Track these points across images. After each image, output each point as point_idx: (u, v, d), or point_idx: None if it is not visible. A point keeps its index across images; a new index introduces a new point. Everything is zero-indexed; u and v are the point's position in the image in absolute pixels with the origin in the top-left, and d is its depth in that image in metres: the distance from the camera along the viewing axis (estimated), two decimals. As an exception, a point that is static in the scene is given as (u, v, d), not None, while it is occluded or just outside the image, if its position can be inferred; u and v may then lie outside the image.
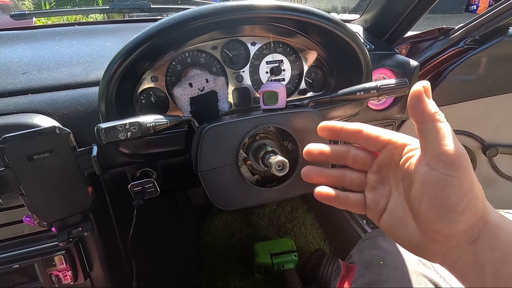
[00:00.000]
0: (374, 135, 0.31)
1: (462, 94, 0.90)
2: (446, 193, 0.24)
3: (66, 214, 0.51)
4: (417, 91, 0.26)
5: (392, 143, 0.30)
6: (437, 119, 0.25)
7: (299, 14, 0.54)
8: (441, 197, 0.24)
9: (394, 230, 0.30)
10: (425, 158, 0.26)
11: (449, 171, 0.24)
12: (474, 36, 0.84)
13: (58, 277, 0.57)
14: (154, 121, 0.47)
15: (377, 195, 0.32)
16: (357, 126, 0.32)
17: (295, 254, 1.06)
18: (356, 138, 0.32)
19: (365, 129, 0.31)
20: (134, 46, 0.49)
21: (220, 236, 1.29)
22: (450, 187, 0.24)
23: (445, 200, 0.24)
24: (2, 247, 0.56)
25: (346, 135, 0.32)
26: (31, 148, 0.46)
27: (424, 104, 0.26)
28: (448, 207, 0.24)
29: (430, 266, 0.57)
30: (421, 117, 0.26)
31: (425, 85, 0.26)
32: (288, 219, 1.34)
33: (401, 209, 0.29)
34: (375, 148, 0.31)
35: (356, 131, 0.32)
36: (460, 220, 0.24)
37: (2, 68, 0.60)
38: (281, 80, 0.71)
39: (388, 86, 0.53)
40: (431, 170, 0.25)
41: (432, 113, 0.26)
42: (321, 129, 0.33)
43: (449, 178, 0.24)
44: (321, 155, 0.33)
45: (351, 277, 0.61)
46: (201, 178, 0.51)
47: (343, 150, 0.33)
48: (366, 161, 0.33)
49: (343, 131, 0.32)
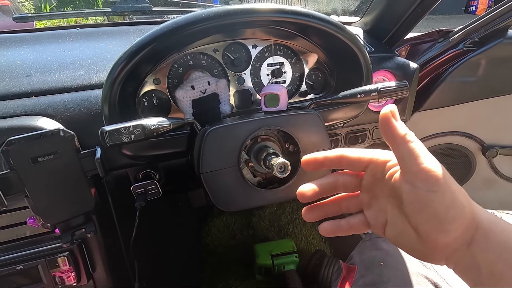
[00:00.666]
0: (355, 158, 0.32)
1: (461, 95, 0.91)
2: (432, 207, 0.26)
3: (69, 215, 0.51)
4: (384, 115, 0.28)
5: (373, 162, 0.31)
6: (407, 141, 0.27)
7: (299, 17, 0.55)
8: (429, 212, 0.26)
9: (398, 240, 0.31)
10: (405, 176, 0.27)
11: (429, 186, 0.26)
12: (474, 38, 0.85)
13: (62, 278, 0.57)
14: (157, 124, 0.48)
15: (375, 211, 0.33)
16: (338, 152, 0.33)
17: (296, 255, 1.06)
18: (339, 163, 0.33)
19: (345, 153, 0.33)
20: (137, 49, 0.50)
21: (220, 237, 1.29)
22: (433, 201, 0.26)
23: (433, 214, 0.26)
24: (6, 248, 0.57)
25: (329, 163, 0.33)
26: (36, 150, 0.46)
27: (393, 127, 0.28)
28: (437, 219, 0.26)
29: (430, 267, 0.58)
30: (392, 140, 0.28)
31: (392, 109, 0.28)
32: (289, 220, 1.35)
33: (400, 221, 0.30)
34: (358, 169, 0.33)
35: (338, 157, 0.33)
36: (451, 229, 0.26)
37: (6, 71, 0.61)
38: (282, 82, 0.72)
39: (389, 88, 0.53)
40: (413, 187, 0.27)
41: (402, 136, 0.27)
42: (305, 162, 0.34)
43: (430, 193, 0.26)
44: (314, 194, 0.34)
45: (352, 278, 0.61)
46: (203, 179, 0.51)
47: (331, 181, 0.34)
48: (355, 184, 0.34)
49: (326, 160, 0.33)
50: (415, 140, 0.27)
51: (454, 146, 1.00)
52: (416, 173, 0.26)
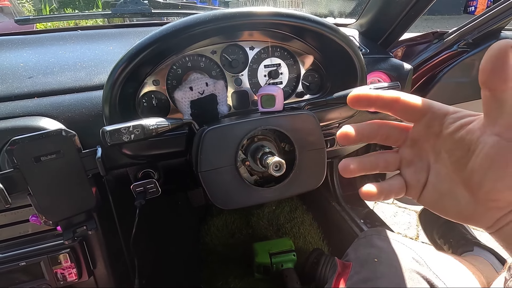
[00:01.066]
0: (412, 103, 0.29)
1: (456, 96, 0.92)
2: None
3: (71, 213, 0.53)
4: (502, 49, 0.21)
5: (431, 112, 0.28)
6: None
7: (295, 20, 0.57)
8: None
9: (440, 203, 0.29)
10: (495, 128, 0.24)
11: None
12: (468, 40, 0.86)
13: (63, 275, 0.59)
14: (156, 124, 0.49)
15: (416, 169, 0.30)
16: (393, 93, 0.29)
17: (294, 253, 1.08)
18: (391, 107, 0.29)
19: (402, 97, 0.29)
20: (137, 51, 0.51)
21: (220, 236, 1.30)
22: None
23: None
24: (9, 245, 0.58)
25: (382, 104, 0.29)
26: (39, 149, 0.48)
27: (509, 67, 0.22)
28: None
29: (424, 263, 0.59)
30: (503, 82, 0.22)
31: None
32: (287, 219, 1.36)
33: (447, 181, 0.28)
34: (412, 118, 0.29)
35: (393, 99, 0.29)
36: None
37: (9, 73, 0.62)
38: (278, 83, 0.73)
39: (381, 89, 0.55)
40: (502, 141, 0.23)
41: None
42: (353, 99, 0.30)
43: None
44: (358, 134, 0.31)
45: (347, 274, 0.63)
46: (201, 178, 0.53)
47: (374, 127, 0.31)
48: (398, 137, 0.31)
49: (378, 99, 0.29)
50: None
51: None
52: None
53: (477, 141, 0.25)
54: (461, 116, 0.27)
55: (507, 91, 0.22)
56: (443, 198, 0.28)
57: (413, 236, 1.51)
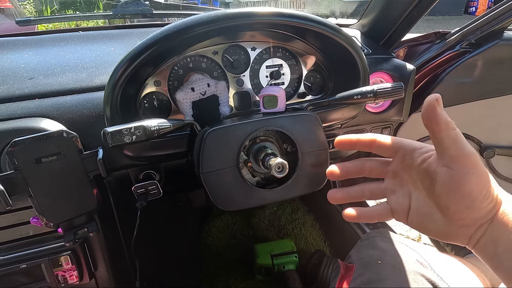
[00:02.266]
0: (386, 143, 0.35)
1: (458, 96, 0.92)
2: (468, 187, 0.29)
3: (72, 215, 0.52)
4: (430, 102, 0.29)
5: (402, 149, 0.34)
6: (451, 127, 0.29)
7: (297, 20, 0.56)
8: (464, 191, 0.29)
9: (423, 225, 0.33)
10: (443, 161, 0.30)
11: (467, 169, 0.29)
12: (470, 40, 0.86)
13: (64, 277, 0.58)
14: (158, 125, 0.49)
15: (399, 197, 0.35)
16: (370, 136, 0.36)
17: (296, 255, 1.07)
18: (370, 147, 0.36)
19: (377, 138, 0.36)
20: (138, 52, 0.51)
21: (221, 237, 1.30)
22: (470, 182, 0.29)
23: (468, 193, 0.29)
24: (10, 247, 0.58)
25: (361, 145, 0.36)
26: (40, 151, 0.48)
27: (438, 114, 0.29)
28: (471, 197, 0.29)
29: (428, 265, 0.58)
30: (437, 127, 0.29)
31: (438, 97, 0.29)
32: (289, 221, 1.36)
33: (425, 205, 0.32)
34: (388, 154, 0.36)
35: (370, 141, 0.36)
36: (482, 206, 0.29)
37: (10, 74, 0.62)
38: (280, 84, 0.73)
39: (385, 90, 0.54)
40: (450, 170, 0.29)
41: (446, 123, 0.29)
42: (339, 142, 0.37)
43: (468, 175, 0.29)
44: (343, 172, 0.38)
45: (350, 276, 0.62)
46: (203, 179, 0.52)
47: (359, 164, 0.38)
48: (381, 169, 0.37)
49: (359, 142, 0.36)
50: (456, 128, 0.29)
51: (451, 146, 1.00)
52: (457, 158, 0.29)
53: (435, 171, 0.31)
54: (425, 151, 0.33)
55: (442, 133, 0.29)
56: (424, 220, 0.33)
57: (415, 237, 1.50)
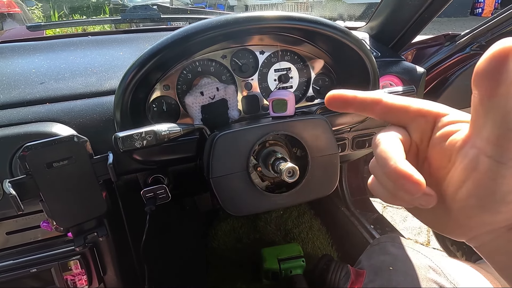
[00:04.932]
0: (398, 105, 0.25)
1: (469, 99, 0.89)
2: (497, 183, 0.20)
3: (83, 219, 0.52)
4: (503, 51, 0.18)
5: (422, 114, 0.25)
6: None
7: (306, 24, 0.56)
8: (489, 187, 0.21)
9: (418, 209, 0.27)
10: (476, 139, 0.21)
11: (506, 159, 0.19)
12: (480, 42, 0.85)
13: (74, 281, 0.58)
14: (168, 130, 0.49)
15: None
16: (375, 94, 0.26)
17: (303, 259, 1.06)
18: (372, 110, 0.26)
19: (385, 98, 0.26)
20: (148, 57, 0.51)
21: (227, 241, 1.29)
22: (502, 177, 0.20)
23: (493, 190, 0.21)
24: (19, 252, 0.58)
25: (359, 105, 0.26)
26: (51, 155, 0.48)
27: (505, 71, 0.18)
28: (494, 197, 0.21)
29: (440, 272, 0.57)
30: (495, 88, 0.18)
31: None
32: (295, 224, 1.35)
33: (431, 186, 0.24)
34: (398, 121, 0.26)
35: (374, 100, 0.26)
36: (504, 210, 0.21)
37: (21, 79, 0.63)
38: (289, 88, 0.72)
39: (396, 93, 0.54)
40: (482, 155, 0.21)
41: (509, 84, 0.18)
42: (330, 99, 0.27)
43: (503, 167, 0.20)
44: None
45: (360, 282, 0.61)
46: (212, 184, 0.52)
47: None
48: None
49: (356, 100, 0.26)
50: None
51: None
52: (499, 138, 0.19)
53: (458, 153, 0.22)
54: (450, 121, 0.24)
55: (497, 97, 0.19)
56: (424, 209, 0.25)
57: (423, 242, 1.48)
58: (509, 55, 0.18)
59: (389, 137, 0.24)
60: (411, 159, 0.26)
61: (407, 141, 0.25)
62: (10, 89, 0.60)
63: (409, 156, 0.25)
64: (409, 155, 0.26)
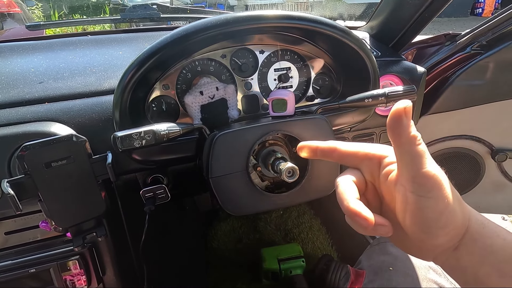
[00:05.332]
0: (348, 152, 0.31)
1: (469, 99, 0.90)
2: (424, 212, 0.25)
3: (82, 219, 0.52)
4: (397, 111, 0.25)
5: (368, 158, 0.30)
6: (414, 143, 0.25)
7: (306, 23, 0.56)
8: (420, 215, 0.26)
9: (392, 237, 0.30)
10: (401, 179, 0.26)
11: (423, 192, 0.25)
12: (481, 42, 0.84)
13: (73, 282, 0.58)
14: (167, 129, 0.48)
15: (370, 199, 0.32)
16: (331, 144, 0.32)
17: (303, 259, 1.06)
18: (331, 156, 0.32)
19: (338, 146, 0.31)
20: (147, 56, 0.51)
21: (227, 241, 1.29)
22: (426, 207, 0.25)
23: (424, 218, 0.25)
24: (18, 252, 0.58)
25: (320, 153, 0.32)
26: (50, 155, 0.47)
27: (402, 126, 0.25)
28: (427, 223, 0.26)
29: (441, 272, 0.57)
30: (399, 139, 0.26)
31: (407, 106, 0.25)
32: (295, 225, 1.34)
33: (390, 215, 0.29)
34: (351, 164, 0.32)
35: (330, 149, 0.32)
36: (440, 233, 0.26)
37: (20, 78, 0.63)
38: (289, 87, 0.72)
39: (396, 93, 0.54)
40: (407, 191, 0.26)
41: (410, 137, 0.25)
42: (299, 149, 0.34)
43: (424, 199, 0.25)
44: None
45: (360, 283, 0.61)
46: (212, 184, 0.52)
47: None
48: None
49: (318, 149, 0.32)
50: (422, 143, 0.26)
51: (462, 150, 0.99)
52: (414, 177, 0.25)
53: (395, 189, 0.28)
54: (388, 162, 0.29)
55: (403, 148, 0.25)
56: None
57: (424, 242, 1.48)
58: (401, 114, 0.25)
59: (345, 180, 0.29)
60: (373, 195, 0.31)
61: (361, 181, 0.30)
62: (9, 88, 0.60)
63: (369, 192, 0.31)
64: (369, 192, 0.31)
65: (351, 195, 0.27)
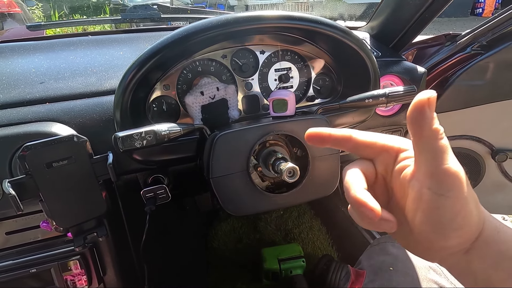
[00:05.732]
0: (365, 142, 0.28)
1: (470, 99, 0.90)
2: (440, 211, 0.24)
3: (82, 219, 0.52)
4: (420, 102, 0.23)
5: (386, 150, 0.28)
6: (437, 137, 0.23)
7: (307, 24, 0.56)
8: (434, 215, 0.24)
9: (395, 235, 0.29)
10: (419, 174, 0.25)
11: (442, 190, 0.23)
12: (481, 42, 0.84)
13: (73, 282, 0.58)
14: (168, 130, 0.49)
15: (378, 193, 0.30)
16: (346, 132, 0.29)
17: (303, 259, 1.06)
18: (344, 145, 0.29)
19: (354, 135, 0.29)
20: (148, 56, 0.51)
21: (227, 241, 1.29)
22: (443, 206, 0.24)
23: (438, 218, 0.24)
24: (19, 252, 0.58)
25: (333, 141, 0.29)
26: (51, 155, 0.48)
27: (425, 119, 0.23)
28: (441, 224, 0.24)
29: (441, 272, 0.57)
30: (420, 132, 0.23)
31: (431, 96, 0.23)
32: (295, 225, 1.34)
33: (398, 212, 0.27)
34: (366, 155, 0.29)
35: (345, 137, 0.29)
36: (453, 235, 0.24)
37: (21, 78, 0.63)
38: (289, 87, 0.72)
39: (397, 93, 0.54)
40: (423, 187, 0.24)
41: (432, 130, 0.23)
42: (308, 136, 0.30)
43: (442, 197, 0.23)
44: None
45: (360, 283, 0.61)
46: (212, 184, 0.52)
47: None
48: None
49: (330, 137, 0.29)
50: (445, 138, 0.24)
51: (463, 150, 0.99)
52: (433, 174, 0.23)
53: (409, 185, 0.26)
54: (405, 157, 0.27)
55: (423, 139, 0.23)
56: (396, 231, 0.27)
57: (424, 242, 1.48)
58: (425, 106, 0.23)
59: (353, 169, 0.28)
60: (381, 189, 0.29)
61: (371, 173, 0.29)
62: (10, 88, 0.60)
63: (378, 186, 0.29)
64: (378, 186, 0.29)
65: (359, 185, 0.26)
